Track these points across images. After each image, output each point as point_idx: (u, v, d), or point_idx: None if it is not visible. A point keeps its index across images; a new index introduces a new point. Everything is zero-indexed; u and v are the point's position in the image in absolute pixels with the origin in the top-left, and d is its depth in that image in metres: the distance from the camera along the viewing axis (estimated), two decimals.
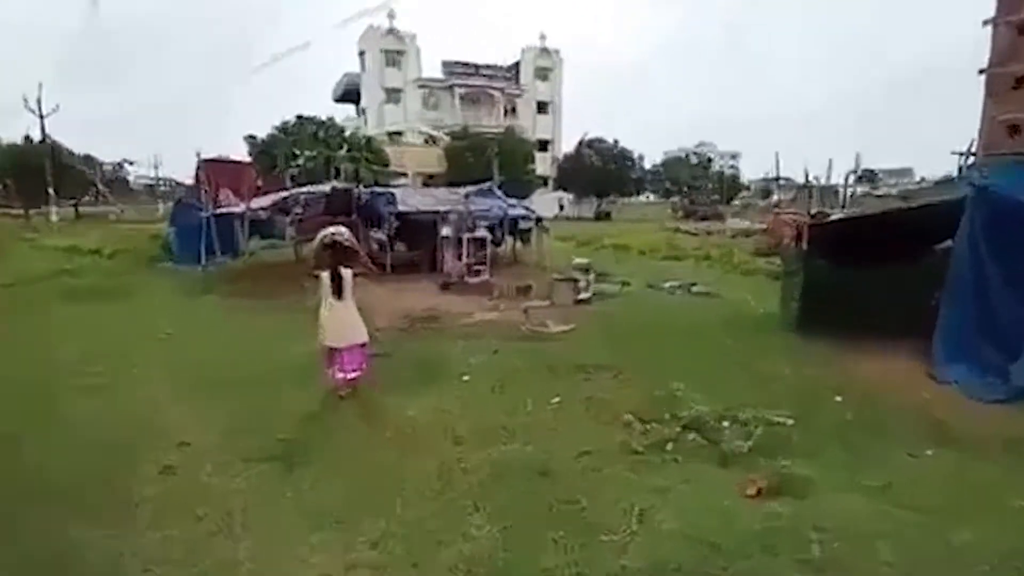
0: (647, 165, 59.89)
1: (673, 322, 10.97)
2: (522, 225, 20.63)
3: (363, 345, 7.46)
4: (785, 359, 8.55)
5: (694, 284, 14.78)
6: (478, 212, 17.62)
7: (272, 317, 11.50)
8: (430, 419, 6.75)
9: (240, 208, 16.85)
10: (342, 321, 7.32)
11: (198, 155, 16.70)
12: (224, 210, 17.14)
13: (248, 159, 37.95)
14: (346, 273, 7.34)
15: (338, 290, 7.28)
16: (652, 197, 66.19)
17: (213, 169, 18.77)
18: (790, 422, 6.45)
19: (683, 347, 9.29)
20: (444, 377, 7.99)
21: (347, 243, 7.42)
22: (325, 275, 7.29)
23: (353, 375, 7.39)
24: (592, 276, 13.91)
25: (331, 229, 7.55)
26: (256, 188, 18.84)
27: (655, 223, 39.16)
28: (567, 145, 60.10)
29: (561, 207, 46.97)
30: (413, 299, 13.43)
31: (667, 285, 14.83)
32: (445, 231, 16.32)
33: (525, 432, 6.43)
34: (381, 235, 17.62)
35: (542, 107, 60.51)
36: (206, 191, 15.99)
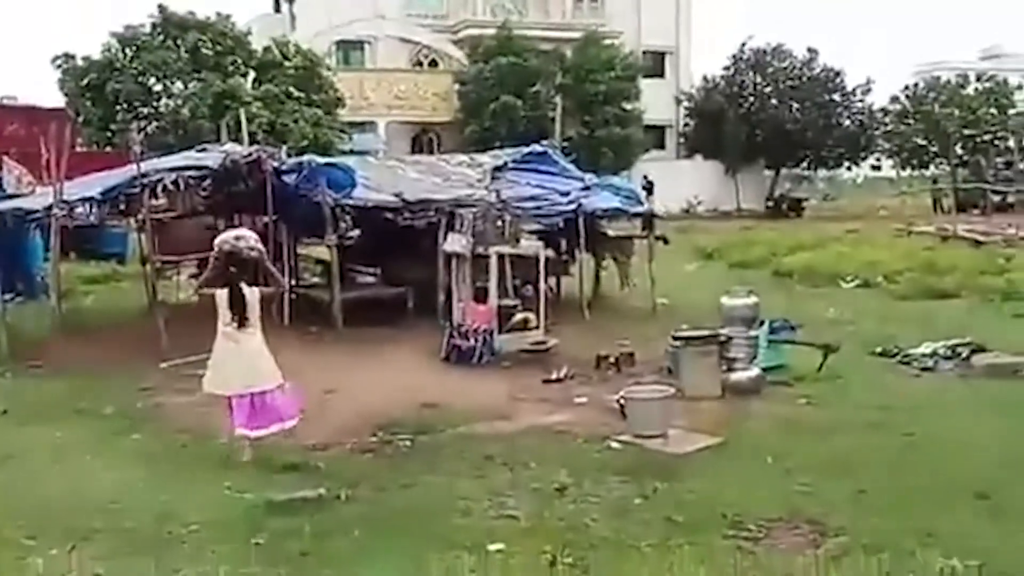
0: (876, 101, 59.70)
1: (933, 436, 10.79)
2: (612, 228, 20.73)
3: (270, 392, 10.12)
4: None
5: (979, 348, 14.68)
6: (522, 203, 17.78)
7: (104, 437, 11.68)
8: None
9: (41, 199, 17.34)
10: (242, 359, 10.10)
11: None
12: (10, 203, 17.65)
13: (58, 104, 39.25)
14: (250, 293, 10.09)
15: (240, 316, 10.00)
16: (888, 164, 65.95)
17: None
18: None
19: (955, 488, 9.11)
20: (447, 546, 7.97)
21: (253, 253, 10.27)
22: (222, 294, 10.01)
23: (261, 432, 10.03)
24: (761, 332, 13.82)
25: (231, 233, 10.63)
26: (73, 157, 19.37)
27: (893, 220, 38.91)
28: (707, 63, 60.50)
29: (648, 186, 45.81)
30: (390, 380, 13.49)
31: (919, 351, 14.79)
32: (454, 243, 16.49)
33: None
34: (325, 249, 17.93)
35: None
36: None
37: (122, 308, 19.84)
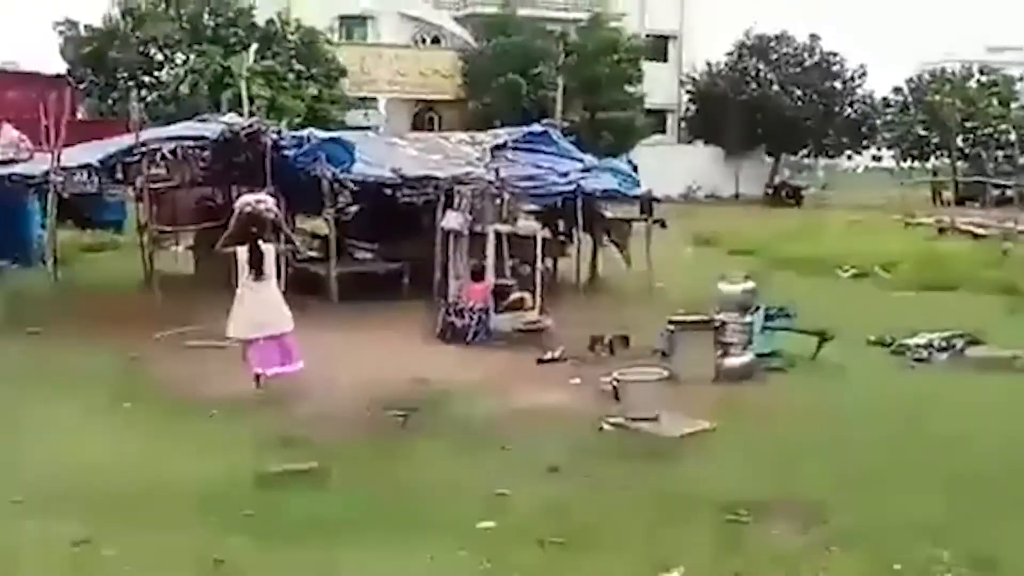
0: (877, 91, 59.63)
1: (925, 425, 10.86)
2: (612, 210, 20.70)
3: (284, 336, 11.68)
4: None
5: (973, 340, 14.72)
6: (520, 182, 17.75)
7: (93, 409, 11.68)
8: None
9: (40, 165, 17.29)
10: (261, 306, 11.64)
11: None
12: (7, 168, 17.58)
13: (59, 72, 39.10)
14: (267, 248, 11.75)
15: (257, 269, 11.54)
16: (889, 155, 65.95)
17: None
18: None
19: (947, 473, 9.18)
20: (438, 524, 7.98)
21: (270, 214, 12.11)
22: (242, 251, 11.57)
23: (278, 370, 11.58)
24: (757, 318, 13.81)
25: (251, 197, 12.45)
26: (72, 125, 19.32)
27: (892, 211, 38.91)
28: (711, 48, 60.38)
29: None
30: (384, 356, 13.61)
31: (914, 342, 14.80)
32: (451, 220, 16.47)
33: None
34: (322, 223, 17.91)
35: None
36: None
37: (118, 277, 19.79)
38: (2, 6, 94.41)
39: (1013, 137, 54.74)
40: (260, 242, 11.70)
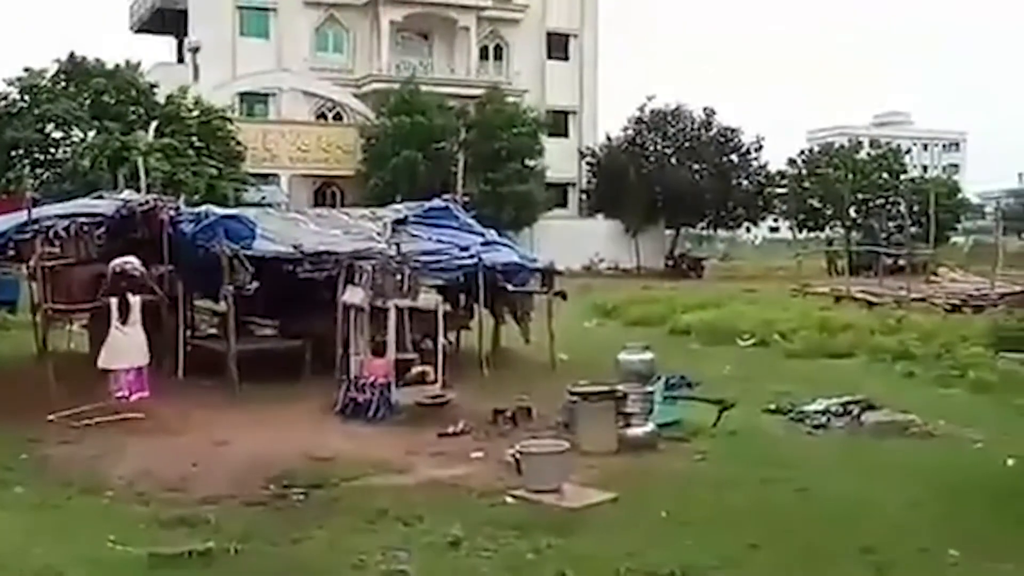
0: (773, 163, 61.03)
1: (823, 492, 11.00)
2: (513, 283, 20.78)
3: (140, 369, 14.81)
4: None
5: (870, 406, 14.94)
6: (422, 256, 17.77)
7: None
8: None
9: None
10: (124, 343, 14.77)
11: None
12: None
13: None
14: (134, 300, 14.94)
15: (125, 315, 14.69)
16: (785, 226, 67.38)
17: None
18: None
19: (843, 543, 9.29)
20: None
21: (136, 272, 15.19)
22: (114, 301, 14.69)
23: (133, 396, 14.51)
24: (658, 388, 13.89)
25: (120, 259, 15.20)
26: None
27: (789, 280, 39.60)
28: (610, 122, 61.29)
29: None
30: (284, 433, 13.44)
31: (812, 409, 14.99)
32: (352, 295, 16.39)
33: None
34: (221, 303, 17.70)
35: (558, 45, 62.10)
36: None
37: (11, 357, 19.34)
38: None
39: (903, 208, 56.33)
40: (128, 295, 14.86)
